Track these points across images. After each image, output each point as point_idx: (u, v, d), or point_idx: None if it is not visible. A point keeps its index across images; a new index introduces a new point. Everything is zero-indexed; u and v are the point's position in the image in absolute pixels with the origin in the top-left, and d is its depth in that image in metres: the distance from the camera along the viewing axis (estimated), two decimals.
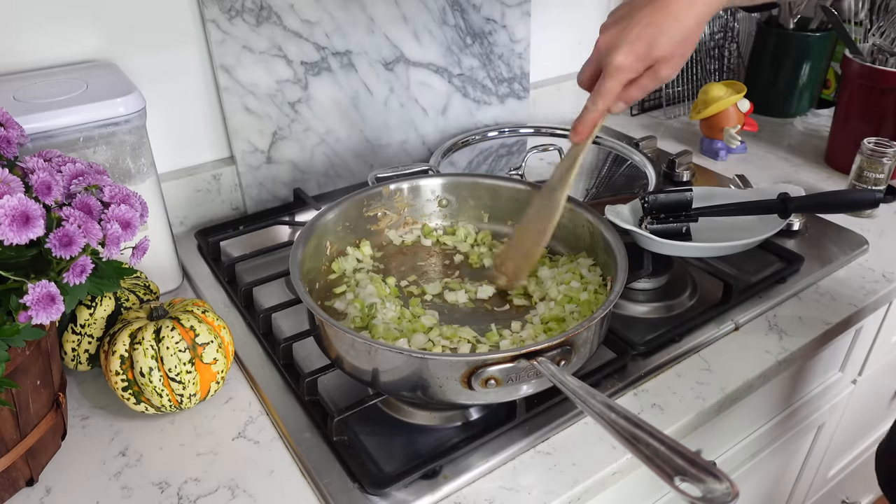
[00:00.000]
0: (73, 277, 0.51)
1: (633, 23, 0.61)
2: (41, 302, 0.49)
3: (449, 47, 1.12)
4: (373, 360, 0.60)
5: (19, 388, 0.57)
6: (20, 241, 0.48)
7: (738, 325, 0.81)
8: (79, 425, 0.69)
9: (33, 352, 0.58)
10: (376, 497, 0.60)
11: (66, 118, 0.70)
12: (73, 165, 0.57)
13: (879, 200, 0.84)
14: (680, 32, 0.60)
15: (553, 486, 0.62)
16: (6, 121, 0.58)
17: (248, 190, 1.02)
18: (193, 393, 0.66)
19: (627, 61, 0.62)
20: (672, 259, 0.87)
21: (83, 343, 0.70)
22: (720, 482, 0.44)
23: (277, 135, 1.01)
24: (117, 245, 0.54)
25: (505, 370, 0.57)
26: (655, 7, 0.61)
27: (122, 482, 0.63)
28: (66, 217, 0.51)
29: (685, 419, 0.69)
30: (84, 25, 0.84)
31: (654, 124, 1.39)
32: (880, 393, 1.25)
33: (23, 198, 0.48)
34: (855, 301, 0.86)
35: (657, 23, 0.60)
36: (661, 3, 0.60)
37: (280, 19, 0.94)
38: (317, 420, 0.67)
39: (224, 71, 0.93)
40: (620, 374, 0.73)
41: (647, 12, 0.61)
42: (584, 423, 0.68)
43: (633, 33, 0.61)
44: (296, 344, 0.73)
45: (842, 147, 1.16)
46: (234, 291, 0.85)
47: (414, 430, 0.67)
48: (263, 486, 0.62)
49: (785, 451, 1.05)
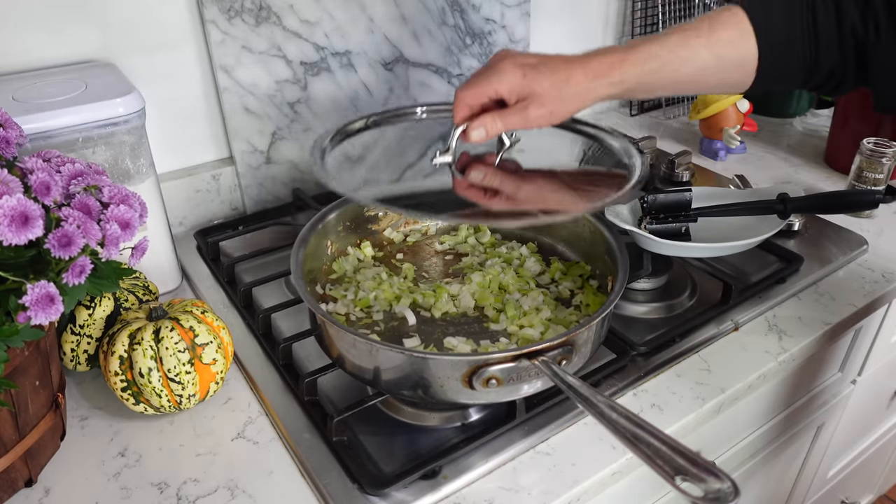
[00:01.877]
0: (72, 278, 0.51)
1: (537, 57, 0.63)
2: (40, 302, 0.49)
3: (448, 47, 1.12)
4: (374, 359, 0.60)
5: (18, 389, 0.57)
6: (19, 241, 0.47)
7: (737, 325, 0.81)
8: (78, 426, 0.69)
9: (32, 352, 0.58)
10: (376, 497, 0.59)
11: (66, 118, 0.70)
12: (72, 166, 0.56)
13: (879, 201, 0.84)
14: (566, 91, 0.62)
15: (553, 487, 0.62)
16: (5, 121, 0.58)
17: (248, 190, 1.02)
18: (193, 393, 0.66)
19: (509, 69, 0.62)
20: (672, 259, 0.87)
21: (82, 343, 0.70)
22: (721, 481, 0.44)
23: (277, 135, 1.01)
24: (116, 245, 0.54)
25: (506, 370, 0.57)
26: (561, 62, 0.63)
27: (121, 482, 0.63)
28: (66, 217, 0.51)
29: (685, 419, 0.69)
30: (83, 25, 0.84)
31: (654, 124, 1.39)
32: (880, 393, 1.25)
33: (22, 198, 0.48)
34: (854, 301, 0.86)
35: (553, 69, 0.62)
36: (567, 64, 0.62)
37: (279, 19, 0.94)
38: (316, 420, 0.66)
39: (223, 71, 0.93)
40: (620, 374, 0.73)
41: (551, 59, 0.63)
42: (583, 424, 0.68)
43: (531, 60, 0.63)
44: (295, 344, 0.73)
45: (841, 147, 1.16)
46: (233, 292, 0.85)
47: (414, 431, 0.67)
48: (263, 486, 0.62)
49: (785, 452, 1.05)
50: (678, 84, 0.65)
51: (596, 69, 0.62)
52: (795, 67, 0.63)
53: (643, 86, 0.63)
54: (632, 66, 0.62)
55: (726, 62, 0.63)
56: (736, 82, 0.65)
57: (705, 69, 0.63)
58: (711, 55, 0.62)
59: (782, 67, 0.64)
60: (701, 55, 0.62)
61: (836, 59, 0.63)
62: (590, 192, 0.68)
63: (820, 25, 0.62)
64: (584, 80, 0.62)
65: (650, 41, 0.63)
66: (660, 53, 0.62)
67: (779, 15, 0.63)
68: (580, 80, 0.62)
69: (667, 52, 0.62)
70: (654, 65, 0.62)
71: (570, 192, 0.69)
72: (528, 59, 0.63)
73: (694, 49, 0.62)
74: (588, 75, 0.62)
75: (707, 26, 0.63)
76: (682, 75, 0.63)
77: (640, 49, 0.62)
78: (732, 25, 0.62)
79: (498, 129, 0.63)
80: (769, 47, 0.62)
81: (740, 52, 0.63)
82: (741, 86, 0.65)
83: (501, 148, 0.68)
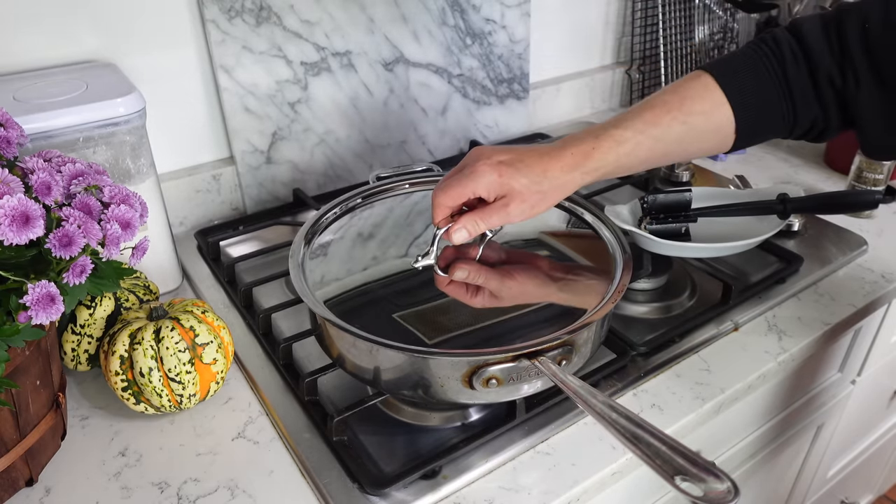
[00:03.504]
0: (72, 278, 0.51)
1: (511, 153, 0.63)
2: (41, 302, 0.49)
3: (449, 48, 1.12)
4: (374, 358, 0.60)
5: (19, 389, 0.57)
6: (20, 241, 0.48)
7: (737, 325, 0.81)
8: (78, 425, 0.69)
9: (33, 352, 0.58)
10: (376, 497, 0.60)
11: (66, 118, 0.70)
12: (73, 166, 0.56)
13: (879, 201, 0.84)
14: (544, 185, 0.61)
15: (553, 486, 0.62)
16: (6, 121, 0.58)
17: (248, 190, 1.02)
18: (193, 393, 0.66)
19: (485, 170, 0.61)
20: (672, 259, 0.87)
21: (83, 343, 0.70)
22: (721, 481, 0.44)
23: (277, 135, 1.01)
24: (117, 245, 0.54)
25: (506, 370, 0.57)
26: (535, 157, 0.62)
27: (121, 482, 0.63)
28: (66, 217, 0.51)
29: (685, 419, 0.69)
30: (84, 25, 0.84)
31: None
32: (880, 393, 1.25)
33: (23, 198, 0.48)
34: (854, 301, 0.86)
35: (529, 165, 0.61)
36: (540, 158, 0.62)
37: (280, 19, 0.94)
38: (316, 420, 0.67)
39: (224, 71, 0.93)
40: (620, 375, 0.73)
41: (525, 154, 0.62)
42: (583, 424, 0.68)
43: (505, 157, 0.62)
44: (295, 344, 0.73)
45: (841, 148, 1.16)
46: (233, 291, 0.85)
47: (414, 430, 0.67)
48: (263, 486, 0.62)
49: (784, 452, 1.05)
50: (655, 160, 0.64)
51: (570, 161, 0.62)
52: (775, 125, 0.63)
53: (619, 168, 0.63)
54: (605, 153, 0.62)
55: (702, 132, 0.63)
56: (716, 145, 0.65)
57: (681, 142, 0.63)
58: (685, 128, 0.62)
59: (761, 126, 0.64)
60: (674, 130, 0.62)
61: (815, 111, 0.62)
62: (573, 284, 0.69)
63: (792, 80, 0.61)
64: (560, 174, 0.62)
65: (620, 124, 0.63)
66: (631, 136, 0.62)
67: (748, 76, 0.62)
68: (557, 174, 0.61)
69: (638, 133, 0.62)
70: (627, 147, 0.62)
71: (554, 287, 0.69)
72: (502, 157, 0.62)
73: (666, 126, 0.62)
74: (564, 168, 0.62)
75: (678, 101, 0.62)
76: (657, 152, 0.63)
77: (610, 134, 0.62)
78: (704, 96, 0.62)
79: (480, 229, 0.63)
80: (744, 110, 0.62)
81: (715, 120, 0.62)
82: (723, 147, 0.65)
83: (483, 240, 0.68)
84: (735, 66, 0.64)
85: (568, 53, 1.36)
